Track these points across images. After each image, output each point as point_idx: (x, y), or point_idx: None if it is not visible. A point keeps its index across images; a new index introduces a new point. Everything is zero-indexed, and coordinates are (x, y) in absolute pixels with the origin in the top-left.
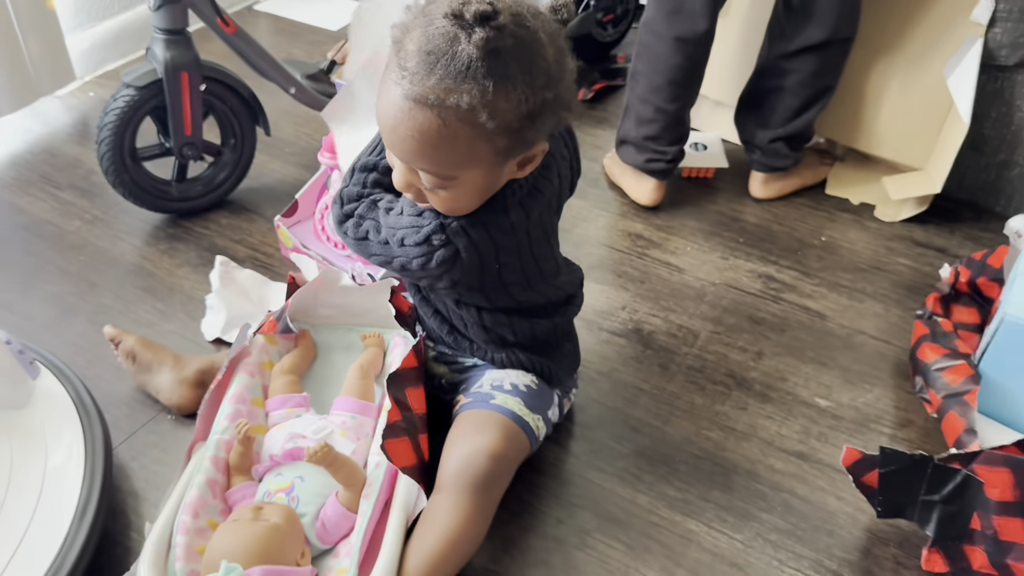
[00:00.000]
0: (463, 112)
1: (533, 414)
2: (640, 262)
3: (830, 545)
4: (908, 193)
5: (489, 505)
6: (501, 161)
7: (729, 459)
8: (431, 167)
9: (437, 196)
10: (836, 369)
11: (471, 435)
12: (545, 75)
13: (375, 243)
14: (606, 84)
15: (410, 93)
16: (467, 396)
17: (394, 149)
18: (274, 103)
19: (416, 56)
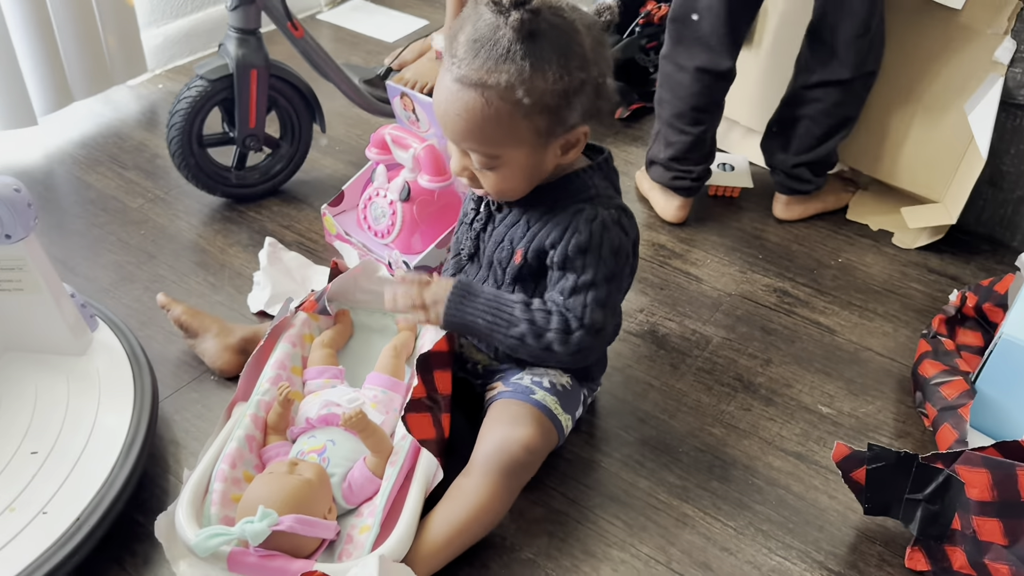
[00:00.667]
0: (503, 90)
1: (565, 413)
2: (661, 270)
3: (819, 539)
4: (924, 222)
5: (514, 490)
6: (543, 142)
7: (729, 454)
8: (477, 145)
9: (487, 177)
10: (840, 380)
11: (510, 424)
12: (580, 58)
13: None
14: (643, 104)
15: (457, 76)
16: (506, 385)
17: (446, 131)
18: (329, 104)
19: (464, 45)
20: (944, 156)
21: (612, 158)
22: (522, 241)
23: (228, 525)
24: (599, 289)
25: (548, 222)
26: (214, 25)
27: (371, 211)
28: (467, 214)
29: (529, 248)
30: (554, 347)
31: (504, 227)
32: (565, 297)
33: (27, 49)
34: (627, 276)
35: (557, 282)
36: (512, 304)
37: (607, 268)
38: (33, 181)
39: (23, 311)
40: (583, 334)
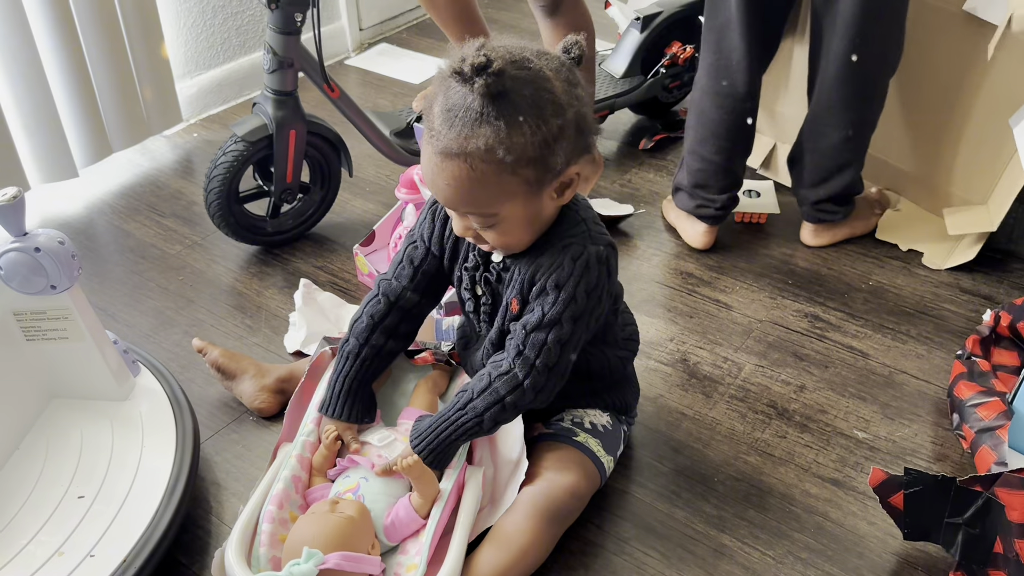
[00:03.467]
0: (484, 153)
1: (607, 455)
2: (690, 298)
3: (859, 566)
4: (966, 229)
5: (559, 534)
6: (536, 190)
7: (765, 482)
8: (472, 208)
9: (490, 235)
10: (876, 405)
11: (555, 469)
12: (553, 105)
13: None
14: (666, 135)
15: (438, 148)
16: (548, 427)
17: (439, 199)
18: (359, 147)
19: (439, 116)
20: (988, 159)
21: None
22: (516, 288)
23: (276, 567)
24: (563, 328)
25: (537, 259)
26: (245, 74)
27: None
28: (467, 303)
29: (522, 289)
30: (520, 403)
31: (506, 289)
32: (527, 332)
33: (67, 104)
34: (597, 317)
35: (526, 314)
36: (463, 412)
37: (576, 307)
38: (75, 231)
39: (68, 359)
40: (536, 376)
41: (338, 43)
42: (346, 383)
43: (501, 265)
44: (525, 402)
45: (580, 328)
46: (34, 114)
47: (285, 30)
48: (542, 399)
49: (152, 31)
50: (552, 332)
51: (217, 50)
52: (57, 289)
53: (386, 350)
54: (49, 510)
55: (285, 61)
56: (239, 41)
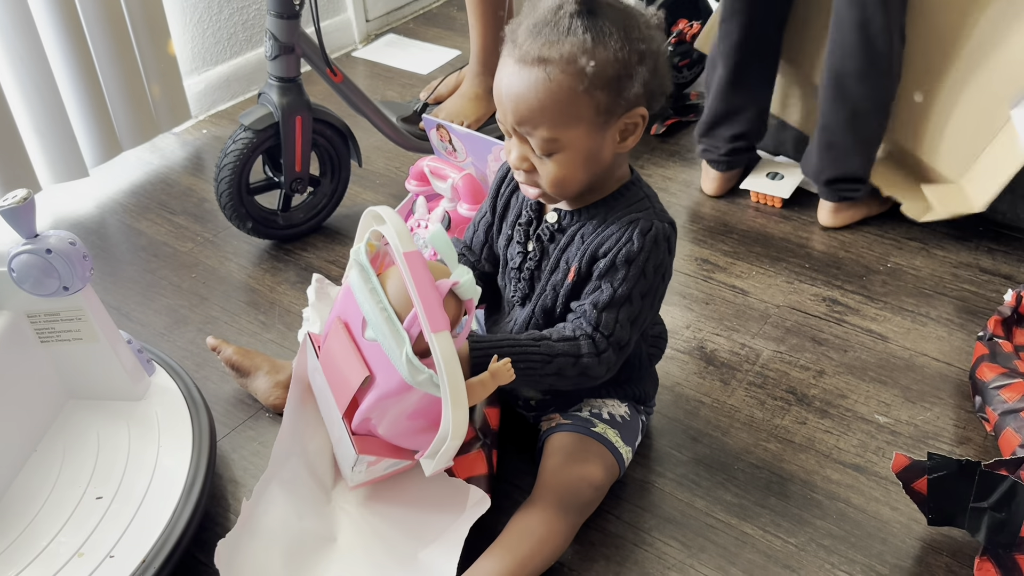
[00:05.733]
0: (565, 62)
1: (626, 446)
2: (706, 285)
3: (883, 552)
4: (951, 212)
5: (578, 525)
6: (603, 122)
7: (786, 469)
8: (537, 127)
9: (546, 166)
10: (896, 388)
11: (575, 460)
12: (639, 31)
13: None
14: (678, 120)
15: (518, 57)
16: (565, 417)
17: (505, 117)
18: (368, 139)
19: (526, 30)
20: (971, 139)
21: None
22: (576, 255)
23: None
24: (633, 305)
25: (602, 232)
26: (252, 69)
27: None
28: (512, 259)
29: (583, 260)
30: (589, 372)
31: (559, 251)
32: (598, 311)
33: (76, 103)
34: (661, 296)
35: (592, 291)
36: (536, 344)
37: (646, 283)
38: (86, 231)
39: (83, 360)
40: (611, 352)
41: (344, 35)
42: None
43: (556, 226)
44: (594, 373)
45: (647, 306)
46: (43, 115)
47: (284, 14)
48: (606, 377)
49: (158, 28)
50: (624, 309)
51: (224, 45)
52: (70, 290)
53: None
54: (68, 511)
55: (286, 46)
56: (245, 36)
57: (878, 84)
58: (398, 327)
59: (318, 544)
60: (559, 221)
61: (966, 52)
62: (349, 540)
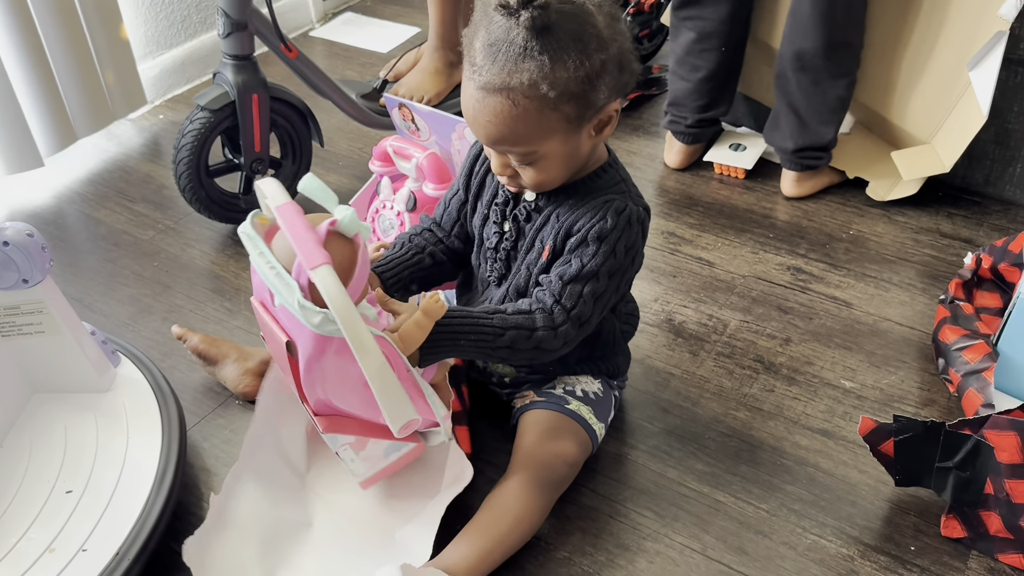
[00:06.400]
0: (527, 88)
1: (599, 422)
2: (672, 258)
3: (852, 514)
4: (919, 173)
5: (553, 501)
6: (575, 128)
7: (756, 437)
8: (512, 146)
9: (527, 172)
10: (861, 353)
11: (549, 438)
12: (597, 40)
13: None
14: (641, 93)
15: (480, 83)
16: (539, 395)
17: (479, 136)
18: (330, 120)
19: (481, 51)
20: (938, 98)
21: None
22: (551, 234)
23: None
24: (599, 282)
25: (577, 210)
26: (208, 52)
27: (379, 223)
28: (488, 239)
29: (557, 238)
30: (544, 345)
31: (535, 231)
32: (564, 283)
33: (27, 91)
34: (628, 278)
35: (561, 265)
36: (489, 316)
37: (615, 262)
38: (44, 222)
39: (46, 353)
40: (569, 327)
41: (301, 14)
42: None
43: (532, 205)
44: (550, 347)
45: (613, 285)
46: None
47: None
48: (562, 352)
49: (110, 12)
50: (589, 285)
51: (178, 28)
52: (29, 283)
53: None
54: (38, 507)
55: (238, 23)
56: (200, 17)
57: (841, 52)
58: (287, 279)
59: (293, 531)
60: (536, 201)
61: (925, 11)
62: (325, 524)
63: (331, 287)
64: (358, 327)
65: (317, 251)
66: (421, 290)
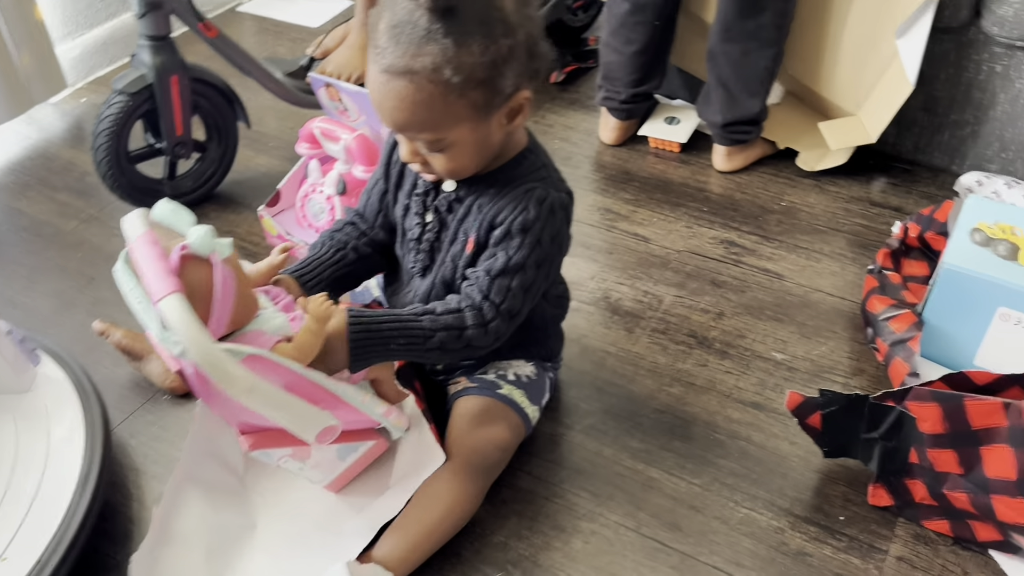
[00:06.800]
0: (430, 73)
1: (532, 405)
2: (608, 234)
3: (783, 486)
4: (846, 143)
5: (486, 488)
6: (484, 115)
7: (689, 412)
8: (418, 132)
9: (437, 160)
10: (792, 325)
11: (480, 423)
12: (504, 24)
13: (527, 291)
14: (577, 66)
15: (384, 67)
16: (472, 380)
17: (385, 121)
18: (257, 99)
19: (385, 33)
20: (865, 68)
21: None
22: (474, 226)
23: None
24: (527, 274)
25: (499, 201)
26: (130, 32)
27: (309, 208)
28: (411, 230)
29: (480, 230)
30: (475, 343)
31: (457, 222)
32: (491, 277)
33: None
34: (556, 265)
35: (487, 259)
36: (418, 318)
37: (542, 252)
38: None
39: None
40: (500, 322)
41: None
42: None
43: (453, 196)
44: (481, 343)
45: (542, 275)
46: None
47: None
48: (494, 346)
49: None
50: (517, 278)
51: (97, 7)
52: None
53: (358, 260)
54: None
55: (152, 3)
56: None
57: (769, 25)
58: (151, 311)
59: (238, 535)
60: (457, 191)
61: None
62: (269, 524)
63: (174, 317)
64: (211, 354)
65: (161, 282)
66: (350, 287)
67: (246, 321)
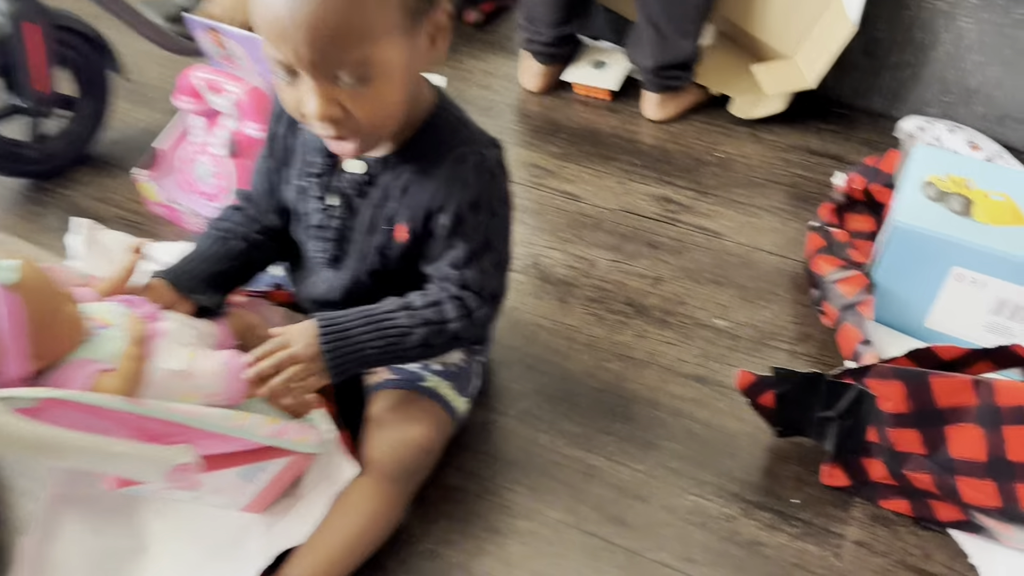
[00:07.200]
0: None
1: (460, 397)
2: (536, 193)
3: (732, 468)
4: (782, 88)
5: (411, 493)
6: (412, 27)
7: (629, 389)
8: (343, 47)
9: (363, 102)
10: (733, 288)
11: (401, 421)
12: None
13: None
14: (496, 5)
15: None
16: (392, 371)
17: (297, 53)
18: (136, 44)
19: None
20: (802, 7)
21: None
22: (403, 212)
23: None
24: (494, 251)
25: (429, 179)
26: None
27: (196, 171)
28: (309, 216)
29: (415, 218)
30: (462, 334)
31: (373, 208)
32: (459, 270)
33: None
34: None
35: (445, 252)
36: (393, 315)
37: (499, 222)
38: None
39: None
40: (485, 309)
41: None
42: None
43: (364, 177)
44: (469, 335)
45: (508, 244)
46: None
47: None
48: (483, 333)
49: None
50: (486, 259)
51: None
52: None
53: (247, 251)
54: None
55: None
56: None
57: None
58: None
59: (126, 559)
60: (368, 172)
61: None
62: (161, 546)
63: None
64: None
65: None
66: (241, 283)
67: (67, 349)
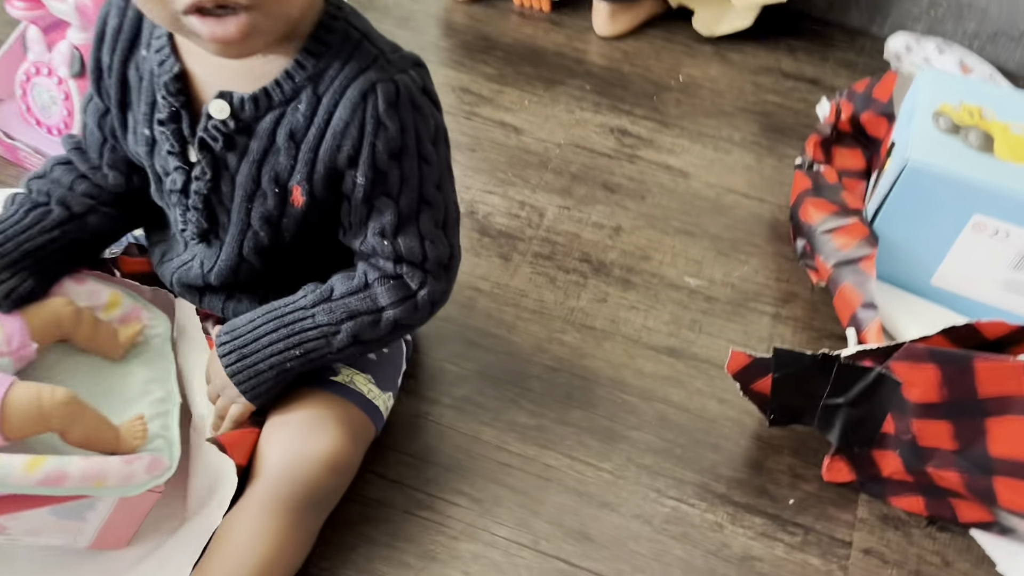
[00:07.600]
0: None
1: (383, 392)
2: (469, 124)
3: (716, 463)
4: (750, 0)
5: (318, 523)
6: None
7: (589, 367)
8: None
9: None
10: (705, 239)
11: (304, 432)
12: None
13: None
14: None
15: None
16: None
17: None
18: None
19: None
20: None
21: None
22: (296, 170)
23: None
24: (434, 206)
25: (328, 122)
26: None
27: (35, 97)
28: (169, 177)
29: (313, 176)
30: (406, 321)
31: (251, 165)
32: (389, 239)
33: None
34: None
35: (368, 218)
36: (308, 312)
37: (432, 168)
38: None
39: None
40: (432, 284)
41: None
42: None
43: (232, 125)
44: (416, 320)
45: (450, 192)
46: None
47: None
48: (437, 310)
49: None
50: (424, 219)
51: None
52: None
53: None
54: None
55: None
56: None
57: None
58: None
59: None
60: (234, 115)
61: None
62: None
63: None
64: None
65: None
66: (73, 265)
67: None
